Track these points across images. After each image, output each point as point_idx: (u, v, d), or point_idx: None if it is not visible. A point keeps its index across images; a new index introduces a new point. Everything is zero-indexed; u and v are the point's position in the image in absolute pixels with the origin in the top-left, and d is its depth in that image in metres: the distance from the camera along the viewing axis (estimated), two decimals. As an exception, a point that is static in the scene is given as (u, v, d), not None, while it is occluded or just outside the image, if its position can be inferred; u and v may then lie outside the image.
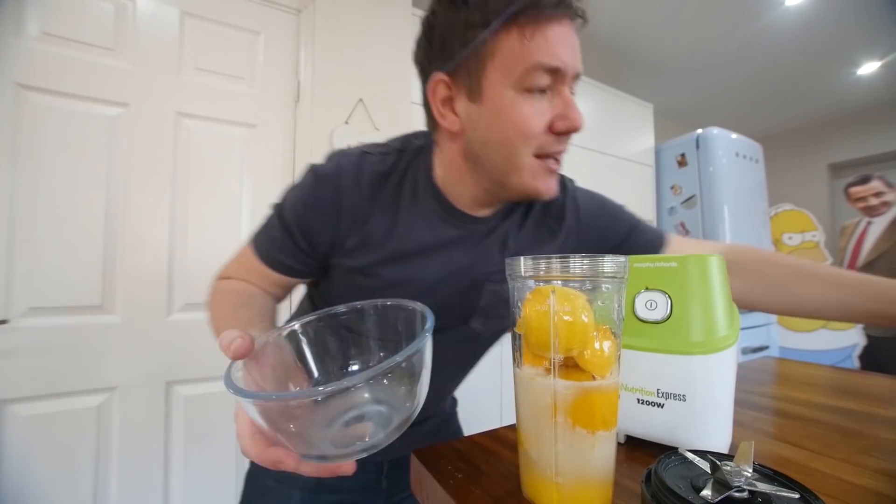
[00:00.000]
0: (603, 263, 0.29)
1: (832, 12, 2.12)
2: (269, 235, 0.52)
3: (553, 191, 0.48)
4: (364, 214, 0.49)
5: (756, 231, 2.52)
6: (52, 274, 1.05)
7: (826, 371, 0.72)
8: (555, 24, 0.42)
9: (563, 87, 0.44)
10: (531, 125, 0.43)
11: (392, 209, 0.50)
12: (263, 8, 1.36)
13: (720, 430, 0.37)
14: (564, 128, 0.44)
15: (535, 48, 0.41)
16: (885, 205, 2.36)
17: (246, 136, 1.32)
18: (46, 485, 1.03)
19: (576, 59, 0.44)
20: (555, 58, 0.42)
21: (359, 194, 0.49)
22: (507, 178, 0.47)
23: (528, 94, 0.43)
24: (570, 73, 0.44)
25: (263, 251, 0.52)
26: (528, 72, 0.42)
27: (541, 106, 0.44)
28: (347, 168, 0.49)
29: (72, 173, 1.09)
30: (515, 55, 0.42)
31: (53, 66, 1.07)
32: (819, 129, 3.62)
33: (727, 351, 0.37)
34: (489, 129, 0.45)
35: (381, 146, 0.53)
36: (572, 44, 0.44)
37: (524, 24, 0.41)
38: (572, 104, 0.44)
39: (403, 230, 0.50)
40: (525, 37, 0.42)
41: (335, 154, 0.51)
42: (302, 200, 0.49)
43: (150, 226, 1.17)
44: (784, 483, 0.26)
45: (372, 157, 0.50)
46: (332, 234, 0.50)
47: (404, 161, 0.52)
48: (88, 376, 1.08)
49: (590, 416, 0.28)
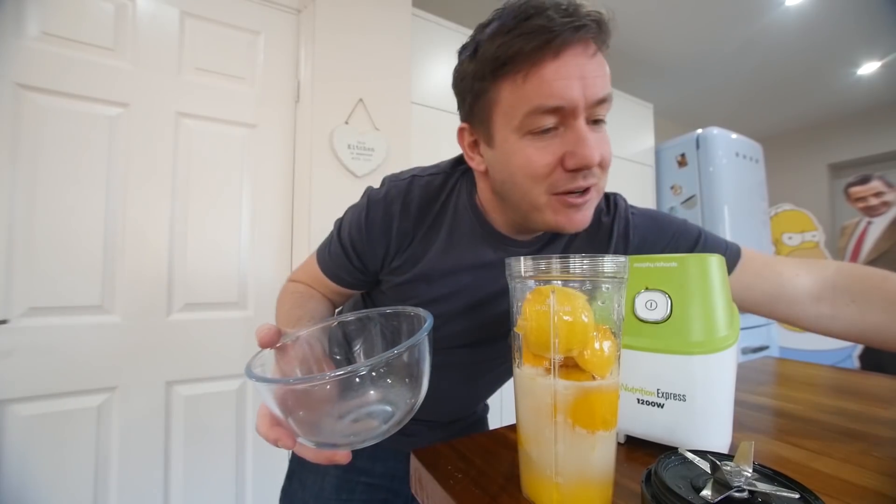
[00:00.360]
0: (603, 263, 0.29)
1: (832, 12, 2.12)
2: (329, 251, 0.57)
3: (579, 224, 0.46)
4: (411, 237, 0.53)
5: (756, 231, 2.52)
6: (52, 274, 1.05)
7: (826, 371, 0.72)
8: (550, 61, 0.40)
9: (574, 122, 0.42)
10: (535, 167, 0.43)
11: (435, 229, 0.53)
12: (263, 8, 1.36)
13: (720, 430, 0.37)
14: (574, 165, 0.42)
15: (531, 92, 0.41)
16: (885, 205, 2.36)
17: (246, 136, 1.32)
18: (46, 485, 1.03)
19: (589, 88, 0.41)
20: (553, 98, 0.40)
21: (407, 220, 0.52)
22: (529, 215, 0.48)
23: (532, 136, 0.43)
24: (581, 104, 0.41)
25: (323, 263, 0.58)
26: (528, 116, 0.42)
27: (548, 145, 0.43)
28: (397, 195, 0.52)
29: (72, 173, 1.09)
30: (513, 102, 0.42)
31: (53, 66, 1.07)
32: (819, 129, 3.62)
33: (727, 351, 0.37)
34: (503, 172, 0.46)
35: (433, 167, 0.56)
36: (581, 73, 0.41)
37: (513, 71, 0.41)
38: (583, 139, 0.42)
39: (444, 249, 0.53)
40: (517, 84, 0.41)
41: (387, 179, 0.55)
42: (357, 224, 0.53)
43: (150, 226, 1.17)
44: (784, 483, 0.26)
45: (420, 180, 0.53)
46: (382, 256, 0.54)
47: (451, 182, 0.54)
48: (88, 376, 1.08)
49: (590, 416, 0.28)
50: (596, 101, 0.42)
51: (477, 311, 0.55)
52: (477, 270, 0.53)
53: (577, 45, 0.41)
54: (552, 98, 0.40)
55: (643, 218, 0.59)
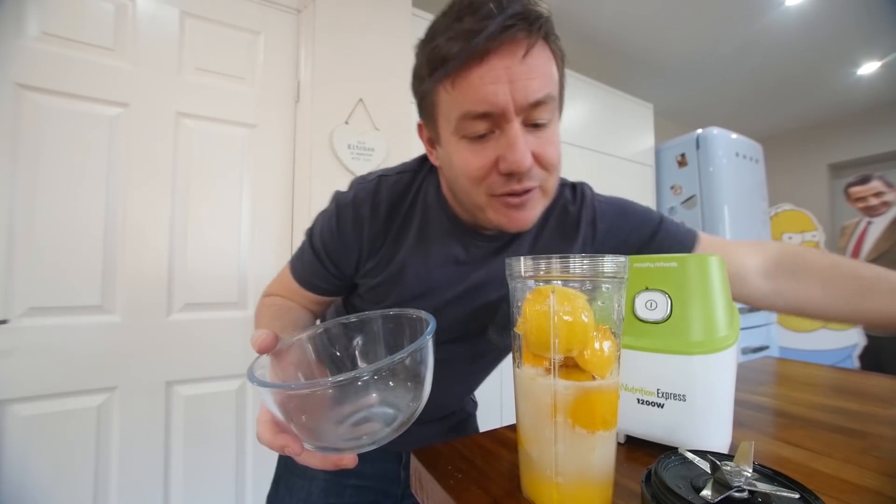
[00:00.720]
0: (603, 263, 0.29)
1: (832, 12, 2.12)
2: (302, 260, 0.57)
3: (521, 224, 0.47)
4: (383, 238, 0.53)
5: (756, 231, 2.52)
6: (52, 274, 1.05)
7: (826, 371, 0.72)
8: (476, 66, 0.39)
9: (507, 125, 0.41)
10: (471, 170, 0.44)
11: (406, 228, 0.53)
12: (263, 8, 1.36)
13: (720, 430, 0.37)
14: (506, 169, 0.42)
15: (460, 97, 0.40)
16: (885, 205, 2.36)
17: (246, 136, 1.32)
18: (46, 485, 1.03)
19: (519, 91, 0.39)
20: (480, 104, 0.40)
21: (377, 221, 0.52)
22: (475, 213, 0.48)
23: (468, 140, 0.43)
24: (510, 109, 0.40)
25: (297, 273, 0.58)
26: (460, 121, 0.41)
27: (483, 148, 0.43)
28: (366, 197, 0.52)
29: (72, 173, 1.09)
30: (447, 107, 0.42)
31: (53, 66, 1.07)
32: (819, 129, 3.62)
33: (727, 351, 0.37)
34: (449, 170, 0.47)
35: (400, 166, 0.56)
36: (509, 76, 0.39)
37: (443, 76, 0.41)
38: (513, 144, 0.41)
39: (415, 247, 0.53)
40: (447, 89, 0.41)
41: (355, 181, 0.54)
42: (328, 229, 0.53)
43: (150, 226, 1.17)
44: (784, 483, 0.26)
45: (388, 180, 0.53)
46: (356, 259, 0.54)
47: (419, 180, 0.55)
48: (88, 376, 1.08)
49: (590, 416, 0.28)
50: (529, 104, 0.40)
51: (454, 307, 0.54)
52: (449, 266, 0.54)
53: (505, 46, 0.39)
54: (479, 104, 0.40)
55: (609, 206, 0.61)
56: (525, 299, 0.31)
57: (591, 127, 2.28)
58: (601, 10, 2.05)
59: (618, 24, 2.17)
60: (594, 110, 2.30)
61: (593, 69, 2.38)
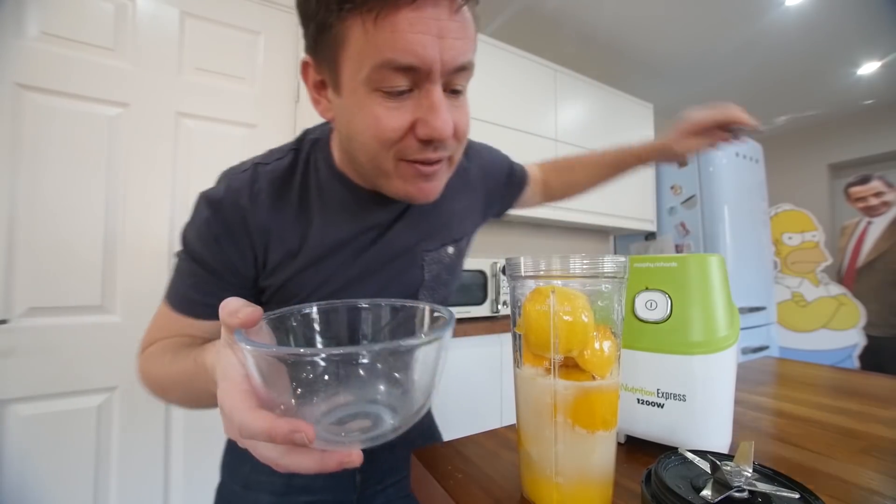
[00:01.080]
0: (603, 263, 0.29)
1: (832, 12, 2.12)
2: (186, 284, 0.47)
3: (430, 195, 0.43)
4: (277, 228, 0.46)
5: (756, 231, 2.52)
6: (52, 274, 1.05)
7: (826, 371, 0.72)
8: (408, 9, 0.33)
9: (430, 87, 0.37)
10: (383, 130, 0.38)
11: (302, 211, 0.47)
12: (263, 8, 1.36)
13: (720, 430, 0.37)
14: (426, 135, 0.38)
15: (382, 42, 0.34)
16: (885, 205, 2.36)
17: (246, 136, 1.32)
18: (46, 485, 1.03)
19: (447, 51, 0.35)
20: (406, 54, 0.34)
21: (262, 210, 0.45)
22: (376, 179, 0.43)
23: (383, 94, 0.37)
24: (438, 68, 0.36)
25: (185, 303, 0.47)
26: (377, 70, 0.35)
27: (400, 107, 0.37)
28: (241, 185, 0.45)
29: (72, 173, 1.09)
30: (361, 48, 0.35)
31: (53, 66, 1.07)
32: (819, 129, 3.62)
33: (727, 351, 0.37)
34: (350, 126, 0.40)
35: (276, 152, 0.49)
36: (440, 30, 0.35)
37: (364, 9, 0.34)
38: (437, 108, 0.37)
39: (320, 229, 0.47)
40: (366, 27, 0.34)
41: (224, 175, 0.48)
42: (209, 233, 0.45)
43: (150, 226, 1.17)
44: (784, 483, 0.26)
45: (265, 168, 0.47)
46: (252, 257, 0.47)
47: (302, 159, 0.48)
48: (88, 376, 1.08)
49: (590, 416, 0.28)
50: (455, 67, 0.37)
51: (376, 279, 0.51)
52: (361, 238, 0.49)
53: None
54: (405, 54, 0.34)
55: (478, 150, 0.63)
56: (525, 298, 0.31)
57: (592, 127, 2.28)
58: (601, 10, 2.05)
59: (618, 24, 2.17)
60: (594, 110, 2.30)
61: (593, 69, 2.38)
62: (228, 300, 0.28)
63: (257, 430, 0.23)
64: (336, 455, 0.25)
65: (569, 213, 2.18)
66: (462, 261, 0.61)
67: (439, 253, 0.55)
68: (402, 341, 0.24)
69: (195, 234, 0.46)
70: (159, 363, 0.44)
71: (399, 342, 0.24)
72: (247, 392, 0.25)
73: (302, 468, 0.25)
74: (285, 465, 0.25)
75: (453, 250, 0.57)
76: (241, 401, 0.25)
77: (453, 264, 0.58)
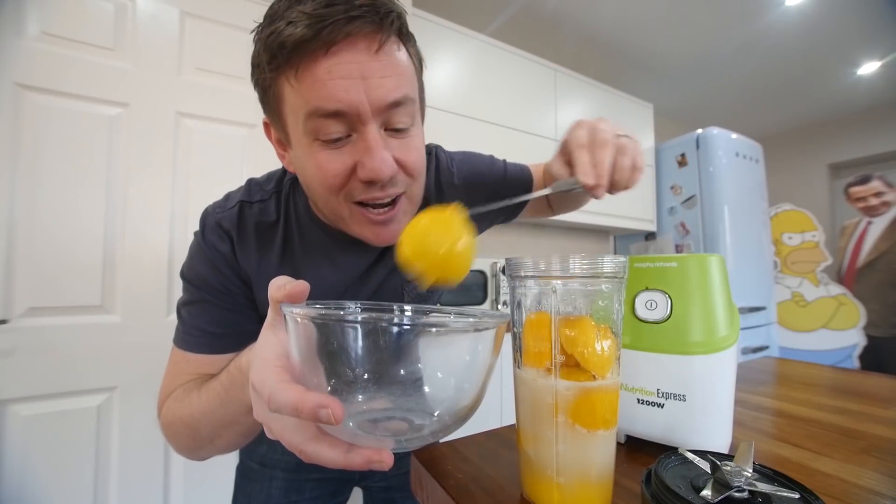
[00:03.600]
0: (603, 263, 0.29)
1: (832, 12, 2.12)
2: (200, 321, 0.46)
3: (388, 239, 0.43)
4: (263, 272, 0.47)
5: (756, 231, 2.52)
6: (52, 274, 1.05)
7: (826, 371, 0.72)
8: (324, 58, 0.34)
9: (364, 128, 0.37)
10: (325, 178, 0.39)
11: (286, 259, 0.49)
12: (263, 8, 1.35)
13: (720, 430, 0.37)
14: (364, 176, 0.38)
15: (306, 91, 0.35)
16: (885, 205, 2.36)
17: (246, 136, 1.32)
18: (46, 485, 1.03)
19: (374, 90, 0.35)
20: (330, 100, 0.35)
21: (250, 251, 0.47)
22: (338, 223, 0.44)
23: (321, 143, 0.37)
24: (366, 109, 0.36)
25: (201, 340, 0.46)
26: (310, 120, 0.36)
27: (340, 153, 0.38)
28: (231, 227, 0.47)
29: (72, 173, 1.09)
30: (293, 102, 0.37)
31: (53, 66, 1.07)
32: (819, 129, 3.62)
33: (727, 351, 0.37)
34: (303, 176, 0.42)
35: (258, 192, 0.50)
36: (362, 72, 0.35)
37: (285, 66, 0.35)
38: (371, 149, 0.37)
39: (308, 279, 0.48)
40: (290, 82, 0.35)
41: (210, 212, 0.49)
42: (207, 260, 0.46)
43: (150, 226, 1.17)
44: (784, 483, 0.26)
45: (251, 208, 0.48)
46: (244, 279, 0.48)
47: (283, 204, 0.49)
48: (88, 376, 1.08)
49: (591, 415, 0.28)
50: (386, 104, 0.37)
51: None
52: (343, 282, 0.50)
53: (355, 39, 0.35)
54: (328, 101, 0.35)
55: (462, 164, 0.60)
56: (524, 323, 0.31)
57: (591, 127, 2.28)
58: (601, 10, 2.05)
59: (618, 24, 2.17)
60: (594, 110, 2.30)
61: (593, 69, 2.38)
62: (276, 277, 0.29)
63: (284, 401, 0.22)
64: (365, 452, 0.23)
65: (569, 212, 2.18)
66: None
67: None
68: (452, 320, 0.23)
69: (195, 266, 0.48)
70: (186, 402, 0.42)
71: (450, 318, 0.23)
72: (281, 367, 0.25)
73: (325, 459, 0.23)
74: (309, 454, 0.23)
75: None
76: (274, 374, 0.24)
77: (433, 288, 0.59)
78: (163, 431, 0.45)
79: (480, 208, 0.42)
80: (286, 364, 0.25)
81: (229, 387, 0.37)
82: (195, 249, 0.48)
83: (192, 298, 0.47)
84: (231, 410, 0.38)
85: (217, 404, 0.39)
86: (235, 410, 0.38)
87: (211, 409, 0.39)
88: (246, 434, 0.41)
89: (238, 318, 0.48)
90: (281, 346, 0.26)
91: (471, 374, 0.26)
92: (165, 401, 0.45)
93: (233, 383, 0.37)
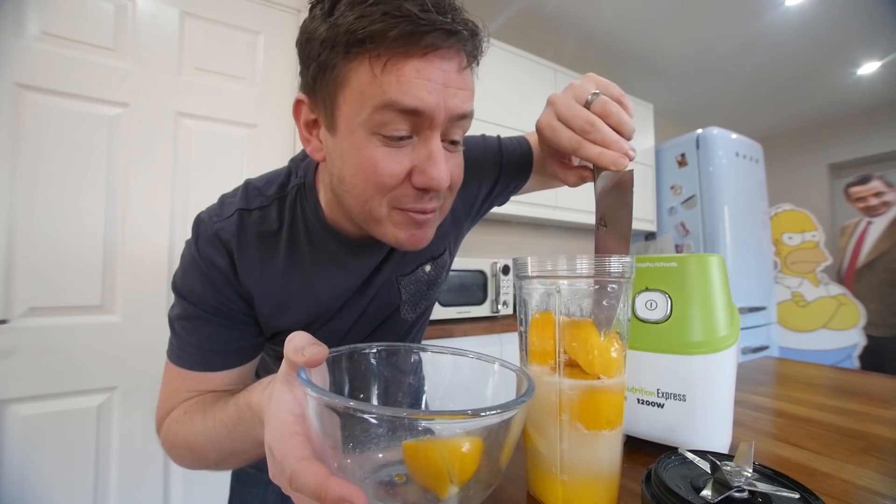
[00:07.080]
0: (609, 263, 0.29)
1: (832, 12, 2.12)
2: (195, 338, 0.45)
3: (421, 242, 0.42)
4: (266, 285, 0.46)
5: (756, 231, 2.52)
6: (52, 274, 1.05)
7: (826, 371, 0.72)
8: (417, 59, 0.34)
9: (430, 134, 0.36)
10: (381, 176, 0.37)
11: (292, 269, 0.47)
12: (263, 8, 1.36)
13: (720, 430, 0.37)
14: (423, 184, 0.37)
15: (388, 84, 0.34)
16: (885, 205, 2.36)
17: (246, 136, 1.32)
18: (46, 484, 1.03)
19: (451, 99, 0.36)
20: (411, 97, 0.34)
21: (252, 263, 0.45)
22: (366, 224, 0.42)
23: (382, 138, 0.36)
24: (440, 115, 0.36)
25: (197, 357, 0.45)
26: (379, 111, 0.35)
27: (399, 153, 0.37)
28: (229, 238, 0.44)
29: (72, 173, 1.09)
30: (366, 89, 0.35)
31: (53, 66, 1.07)
32: (819, 129, 3.62)
33: (727, 351, 0.37)
34: (343, 168, 0.39)
35: (258, 198, 0.47)
36: (445, 81, 0.35)
37: (372, 55, 0.34)
38: (436, 157, 0.37)
39: (310, 286, 0.47)
40: (373, 70, 0.34)
41: (205, 220, 0.46)
42: (202, 275, 0.44)
43: (150, 226, 1.17)
44: (784, 483, 0.26)
45: (250, 216, 0.46)
46: (242, 299, 0.46)
47: (288, 211, 0.47)
48: (88, 376, 1.08)
49: (595, 415, 0.28)
50: (457, 115, 0.37)
51: (355, 306, 0.52)
52: (352, 286, 0.50)
53: (447, 52, 0.35)
54: (410, 97, 0.34)
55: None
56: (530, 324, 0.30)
57: (591, 127, 2.28)
58: (601, 10, 2.05)
59: (618, 24, 2.17)
60: (594, 110, 2.30)
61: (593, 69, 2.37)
62: (295, 334, 0.28)
63: (307, 484, 0.22)
64: None
65: (569, 213, 2.18)
66: (444, 272, 0.60)
67: (416, 274, 0.55)
68: (481, 411, 0.22)
69: (188, 280, 0.45)
70: (189, 427, 0.41)
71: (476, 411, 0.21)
72: (300, 437, 0.24)
73: None
74: None
75: (431, 268, 0.56)
76: (295, 447, 0.24)
77: (433, 280, 0.58)
78: (164, 449, 0.44)
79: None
80: (304, 430, 0.25)
81: (238, 422, 0.36)
82: (189, 262, 0.45)
83: (186, 314, 0.45)
84: (239, 443, 0.37)
85: (224, 434, 0.38)
86: (243, 443, 0.37)
87: (217, 439, 0.39)
88: (254, 459, 0.40)
89: (237, 335, 0.46)
90: (297, 404, 0.26)
91: (494, 447, 0.25)
92: (164, 419, 0.44)
93: (241, 420, 0.36)
